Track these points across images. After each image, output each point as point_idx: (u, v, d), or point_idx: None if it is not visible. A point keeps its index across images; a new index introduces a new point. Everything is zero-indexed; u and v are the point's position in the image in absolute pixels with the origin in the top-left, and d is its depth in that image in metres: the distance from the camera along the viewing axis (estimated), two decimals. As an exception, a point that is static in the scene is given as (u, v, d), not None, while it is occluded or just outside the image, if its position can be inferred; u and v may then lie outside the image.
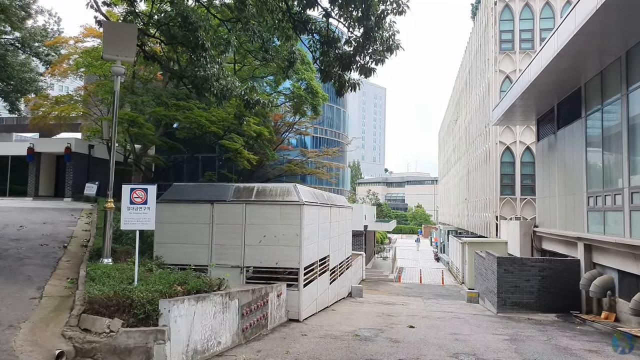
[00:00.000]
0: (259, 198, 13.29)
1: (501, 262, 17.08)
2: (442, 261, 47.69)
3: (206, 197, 13.56)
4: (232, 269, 13.12)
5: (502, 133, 29.14)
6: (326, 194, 18.07)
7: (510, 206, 28.73)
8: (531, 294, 16.77)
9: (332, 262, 17.84)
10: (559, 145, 19.45)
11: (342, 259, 20.49)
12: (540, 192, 22.23)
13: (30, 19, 32.90)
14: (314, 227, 14.46)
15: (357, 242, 29.49)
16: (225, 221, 13.32)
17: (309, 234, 13.80)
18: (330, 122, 38.95)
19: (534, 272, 16.84)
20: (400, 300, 21.77)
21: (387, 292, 25.14)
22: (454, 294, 25.50)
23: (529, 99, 19.87)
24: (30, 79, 32.53)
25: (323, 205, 16.03)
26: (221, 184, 14.47)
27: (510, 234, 25.35)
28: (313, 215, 14.34)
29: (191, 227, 13.41)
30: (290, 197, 13.18)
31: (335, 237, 18.77)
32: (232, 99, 12.54)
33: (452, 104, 58.10)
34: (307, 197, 13.87)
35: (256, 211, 13.22)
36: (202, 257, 13.26)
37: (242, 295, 9.45)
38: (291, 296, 12.93)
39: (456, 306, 19.79)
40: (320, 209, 15.40)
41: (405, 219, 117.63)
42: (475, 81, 36.80)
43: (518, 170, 28.75)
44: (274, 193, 13.37)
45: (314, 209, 14.43)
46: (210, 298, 7.96)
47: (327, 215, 17.01)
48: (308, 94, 20.43)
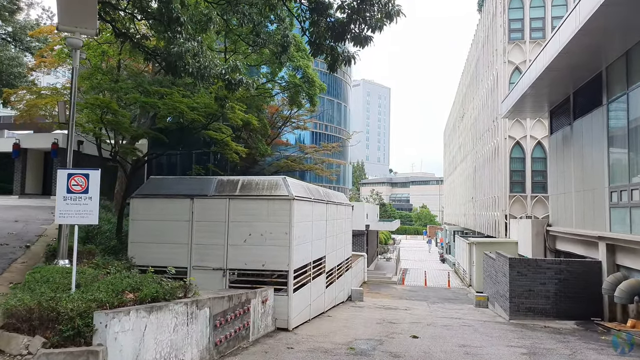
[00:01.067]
0: (244, 192, 11.89)
1: (514, 264, 15.60)
2: (447, 262, 46.14)
3: (186, 191, 12.18)
4: (214, 271, 11.75)
5: (512, 127, 27.62)
6: (322, 190, 16.66)
7: (520, 204, 27.19)
8: (547, 298, 15.28)
9: (329, 264, 16.43)
10: (575, 137, 17.95)
11: (340, 260, 19.08)
12: (554, 188, 20.71)
13: (21, 13, 31.77)
14: (306, 225, 13.06)
15: (358, 242, 28.06)
16: (206, 218, 11.94)
17: (301, 232, 12.40)
18: (330, 118, 37.42)
19: (550, 274, 15.35)
20: (403, 304, 20.32)
21: (389, 295, 23.70)
22: (461, 298, 24.02)
23: (542, 88, 18.39)
24: (19, 74, 31.35)
25: (318, 201, 14.62)
26: (203, 177, 13.10)
27: (521, 233, 23.84)
28: (305, 211, 12.94)
29: (169, 224, 12.04)
30: (279, 191, 11.78)
31: (333, 236, 17.36)
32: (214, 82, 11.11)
33: (458, 101, 56.54)
34: (299, 191, 12.46)
35: (241, 207, 11.83)
36: (181, 259, 11.90)
37: (215, 302, 8.05)
38: (279, 302, 11.53)
39: (464, 311, 18.32)
40: (314, 206, 13.99)
41: (410, 219, 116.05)
42: (483, 74, 35.28)
43: (528, 166, 27.21)
44: (260, 187, 11.97)
45: (306, 205, 13.02)
46: (169, 308, 6.56)
47: (323, 213, 15.60)
48: (304, 83, 19.03)
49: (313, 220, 13.90)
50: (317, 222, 14.58)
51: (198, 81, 10.35)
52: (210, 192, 12.02)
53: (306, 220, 13.03)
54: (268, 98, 21.66)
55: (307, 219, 13.09)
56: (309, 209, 13.34)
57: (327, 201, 16.07)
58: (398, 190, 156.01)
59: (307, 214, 13.11)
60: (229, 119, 14.72)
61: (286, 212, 11.58)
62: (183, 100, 12.89)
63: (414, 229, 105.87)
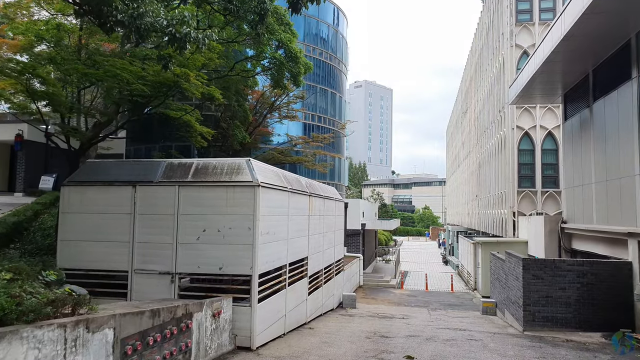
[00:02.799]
0: (198, 178, 9.64)
1: (528, 266, 13.29)
2: (450, 264, 43.79)
3: (127, 177, 9.93)
4: (161, 276, 9.49)
5: (520, 117, 25.31)
6: (305, 180, 14.41)
7: (529, 200, 24.87)
8: (567, 306, 12.95)
9: (313, 266, 14.17)
10: (596, 120, 15.66)
11: (329, 262, 16.81)
12: (569, 180, 18.39)
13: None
14: (279, 219, 10.80)
15: (353, 242, 25.79)
16: (151, 210, 9.69)
17: (271, 227, 10.15)
18: (323, 109, 34.95)
19: (571, 278, 13.03)
20: (401, 311, 18.02)
21: (386, 301, 21.40)
22: (466, 303, 21.70)
23: (556, 65, 16.12)
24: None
25: (297, 192, 12.36)
26: (149, 160, 10.85)
27: (531, 232, 21.51)
28: (278, 202, 10.68)
29: (106, 218, 9.79)
30: (241, 175, 9.52)
31: (319, 234, 15.10)
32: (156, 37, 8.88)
33: (461, 96, 54.26)
34: (268, 177, 10.20)
35: (194, 196, 9.58)
36: (120, 260, 9.66)
37: (127, 321, 5.78)
38: (240, 315, 9.26)
39: (469, 320, 16.01)
40: (291, 197, 11.74)
41: (412, 220, 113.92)
42: (488, 62, 32.99)
43: (538, 158, 24.89)
44: (219, 171, 9.71)
45: (279, 194, 10.77)
46: (20, 335, 4.29)
47: (305, 207, 13.35)
48: (288, 61, 16.78)
49: (290, 214, 11.64)
50: (296, 216, 12.33)
51: (133, 34, 8.11)
52: (156, 177, 9.77)
53: (279, 213, 10.78)
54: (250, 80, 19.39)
55: (280, 211, 10.83)
56: (283, 200, 11.08)
57: (310, 193, 13.81)
58: (400, 192, 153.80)
59: (280, 206, 10.85)
60: (184, 91, 12.49)
61: (249, 201, 9.33)
62: (126, 67, 10.63)
63: (416, 231, 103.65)
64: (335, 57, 37.18)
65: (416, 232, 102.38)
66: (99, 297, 9.49)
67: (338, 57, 37.88)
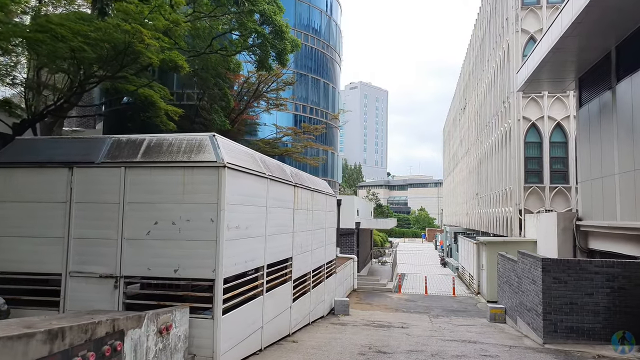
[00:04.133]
0: (150, 158, 7.72)
1: (549, 267, 11.43)
2: (449, 266, 41.96)
3: (62, 157, 7.99)
4: (102, 280, 7.56)
5: (526, 107, 23.50)
6: (290, 169, 12.51)
7: (537, 197, 23.05)
8: (595, 315, 11.10)
9: (299, 268, 12.27)
10: (620, 103, 13.86)
11: (318, 263, 14.91)
12: (586, 173, 16.56)
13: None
14: (255, 211, 8.89)
15: (347, 242, 23.90)
16: (92, 198, 7.76)
17: (243, 220, 8.24)
18: (316, 100, 32.71)
19: (599, 281, 11.18)
20: (399, 318, 16.13)
21: (383, 306, 19.50)
22: (470, 309, 19.83)
23: (573, 42, 14.35)
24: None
25: (279, 180, 10.46)
26: (91, 137, 8.90)
27: (541, 230, 19.69)
28: (252, 190, 8.77)
29: (35, 208, 7.85)
30: (203, 154, 7.61)
31: (306, 232, 13.21)
32: None
33: (459, 92, 52.58)
34: (239, 158, 8.29)
35: (144, 180, 7.67)
36: (52, 260, 7.73)
37: None
38: (200, 329, 7.33)
39: (477, 329, 14.14)
40: (271, 186, 9.83)
41: (408, 222, 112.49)
42: (490, 52, 31.22)
43: (546, 152, 23.08)
44: (175, 149, 7.79)
45: (255, 181, 8.86)
46: None
47: (289, 199, 11.44)
48: (273, 38, 14.85)
49: (269, 207, 9.73)
50: (278, 209, 10.42)
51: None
52: (99, 157, 7.82)
53: (254, 203, 8.86)
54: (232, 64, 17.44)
55: (255, 202, 8.92)
56: (259, 189, 9.16)
57: (295, 184, 11.91)
58: (396, 193, 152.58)
59: (255, 195, 8.94)
60: (137, 54, 10.52)
61: (212, 186, 7.41)
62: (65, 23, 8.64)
63: (412, 232, 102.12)
64: (328, 45, 35.18)
65: (412, 234, 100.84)
66: (25, 307, 7.62)
67: (331, 46, 35.86)
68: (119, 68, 10.79)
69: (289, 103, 27.66)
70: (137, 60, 10.64)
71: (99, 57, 10.27)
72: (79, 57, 9.74)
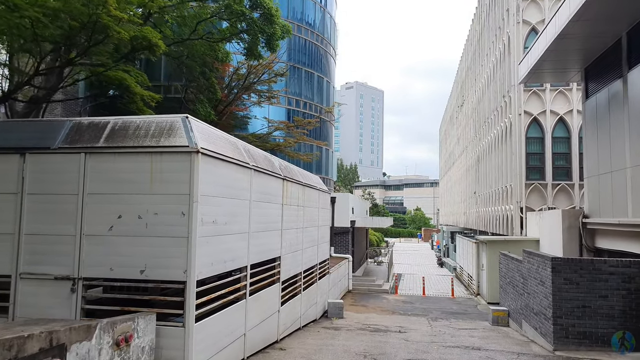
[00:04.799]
0: (114, 142, 6.76)
1: (559, 267, 10.53)
2: (446, 266, 41.12)
3: (14, 141, 7.01)
4: (57, 282, 6.60)
5: (528, 101, 22.64)
6: (278, 161, 11.56)
7: (539, 194, 22.20)
8: (610, 319, 10.22)
9: (288, 269, 11.33)
10: (632, 92, 12.99)
11: (310, 263, 13.98)
12: (593, 168, 15.71)
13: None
14: (236, 205, 7.94)
15: (342, 242, 22.97)
16: (47, 189, 6.80)
17: (222, 215, 7.30)
18: (309, 95, 31.50)
19: (615, 283, 10.30)
20: (396, 322, 15.21)
21: (379, 308, 18.57)
22: (470, 311, 18.94)
23: (580, 29, 13.53)
24: None
25: (266, 172, 9.52)
26: (48, 120, 7.94)
27: (544, 229, 18.83)
28: (233, 181, 7.82)
29: (-18, 200, 6.86)
30: (174, 138, 6.66)
31: (297, 229, 12.28)
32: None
33: (456, 89, 51.77)
34: (217, 144, 7.34)
35: (106, 168, 6.71)
36: (0, 260, 6.73)
37: None
38: (170, 339, 6.38)
39: (480, 333, 13.23)
40: (256, 177, 8.89)
41: (404, 222, 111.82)
42: (489, 46, 30.36)
43: (549, 147, 22.22)
44: (142, 132, 6.83)
45: (236, 171, 7.92)
46: None
47: (277, 193, 10.50)
48: (263, 22, 13.88)
49: (253, 200, 8.78)
50: (264, 204, 9.48)
51: None
52: (56, 142, 6.85)
53: (235, 196, 7.91)
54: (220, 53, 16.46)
55: (236, 194, 7.97)
56: (241, 180, 8.22)
57: (284, 177, 10.97)
58: (392, 193, 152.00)
59: (237, 187, 7.99)
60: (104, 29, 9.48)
61: (184, 175, 6.47)
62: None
63: (407, 232, 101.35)
64: (322, 37, 34.12)
65: (408, 234, 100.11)
66: (-32, 313, 6.61)
67: (326, 39, 34.78)
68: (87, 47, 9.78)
69: (282, 97, 26.66)
70: (107, 37, 9.60)
71: (64, 34, 9.27)
72: (41, 33, 8.74)
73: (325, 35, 34.52)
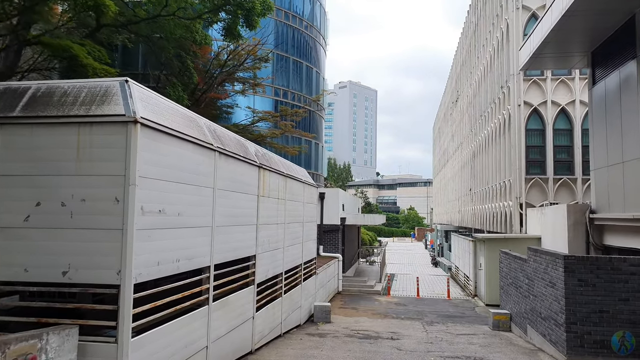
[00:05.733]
0: (33, 112, 5.39)
1: (573, 266, 9.27)
2: (440, 266, 39.93)
3: None
4: (-41, 287, 5.17)
5: (528, 91, 21.42)
6: (253, 147, 10.23)
7: (539, 190, 20.98)
8: (632, 325, 8.97)
9: (265, 270, 9.99)
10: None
11: (293, 263, 12.67)
12: (602, 159, 14.49)
13: None
14: (193, 192, 6.61)
15: (332, 240, 21.64)
16: (-53, 169, 5.40)
17: (172, 203, 5.96)
18: (298, 85, 29.81)
19: (637, 283, 9.06)
20: (388, 326, 13.92)
21: (370, 311, 17.27)
22: (468, 314, 17.69)
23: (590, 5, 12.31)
24: None
25: (235, 157, 8.18)
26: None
27: (547, 225, 17.63)
28: (187, 163, 6.47)
29: None
30: (107, 106, 5.30)
31: (277, 225, 10.96)
32: None
33: (450, 85, 50.65)
34: (164, 116, 5.98)
35: (22, 143, 5.35)
36: None
37: None
38: (99, 359, 5.02)
39: (480, 340, 11.96)
40: (222, 162, 7.56)
41: (397, 221, 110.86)
42: (486, 36, 29.16)
43: (550, 140, 21.01)
44: (70, 100, 5.46)
45: (192, 151, 6.57)
46: None
47: (252, 182, 9.17)
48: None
49: (219, 188, 7.44)
50: (233, 194, 8.14)
51: None
52: (-40, 112, 5.47)
53: (192, 182, 6.57)
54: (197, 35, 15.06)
55: (194, 179, 6.63)
56: (202, 163, 6.88)
57: (261, 164, 9.63)
58: (385, 193, 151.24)
59: (194, 171, 6.65)
60: None
61: (118, 151, 5.12)
62: None
63: (401, 232, 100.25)
64: (311, 26, 32.62)
65: (401, 233, 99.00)
66: None
67: (315, 28, 33.27)
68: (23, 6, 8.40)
69: (268, 87, 25.22)
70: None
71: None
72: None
73: (314, 24, 33.04)
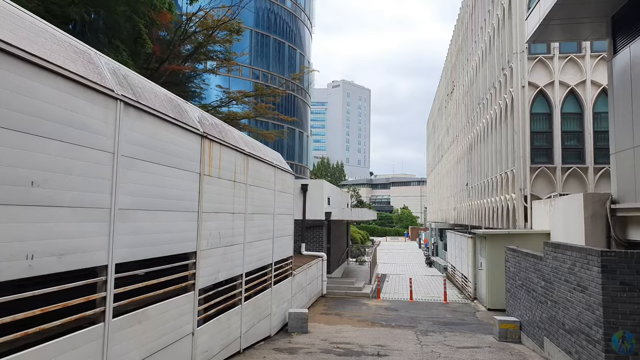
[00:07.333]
0: None
1: (613, 266, 7.09)
2: (435, 266, 37.77)
3: None
4: None
5: (532, 70, 19.28)
6: (197, 110, 7.99)
7: (546, 180, 18.86)
8: (692, 343, 6.80)
9: (213, 272, 7.74)
10: (690, 28, 9.64)
11: (259, 262, 10.42)
12: (625, 140, 12.35)
13: None
14: (72, 154, 4.32)
15: (315, 237, 19.39)
16: None
17: (23, 168, 3.65)
18: (279, 68, 27.07)
19: (697, 288, 6.88)
20: (375, 338, 11.71)
21: (356, 318, 15.05)
22: (468, 320, 15.50)
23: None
24: None
25: (152, 113, 5.93)
26: None
27: (559, 218, 15.48)
28: (53, 107, 4.18)
29: None
30: None
31: (233, 215, 8.71)
32: None
33: (445, 78, 48.57)
34: (9, 29, 3.70)
35: None
36: None
37: None
38: None
39: (487, 356, 9.78)
40: (129, 117, 5.32)
41: (390, 220, 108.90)
42: (484, 16, 27.04)
43: (557, 125, 18.88)
44: None
45: (66, 92, 4.29)
46: None
47: (191, 156, 6.93)
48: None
49: (124, 155, 5.23)
50: (154, 167, 5.91)
51: None
52: None
53: (68, 138, 4.31)
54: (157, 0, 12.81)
55: (71, 136, 4.37)
56: (91, 115, 4.62)
57: (205, 134, 7.39)
58: (378, 192, 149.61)
59: (71, 123, 4.39)
60: None
61: None
62: None
63: (394, 231, 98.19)
64: (295, 4, 30.13)
65: (395, 233, 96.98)
66: None
67: (299, 5, 30.80)
68: None
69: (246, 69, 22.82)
70: None
71: None
72: None
73: (299, 1, 30.46)
